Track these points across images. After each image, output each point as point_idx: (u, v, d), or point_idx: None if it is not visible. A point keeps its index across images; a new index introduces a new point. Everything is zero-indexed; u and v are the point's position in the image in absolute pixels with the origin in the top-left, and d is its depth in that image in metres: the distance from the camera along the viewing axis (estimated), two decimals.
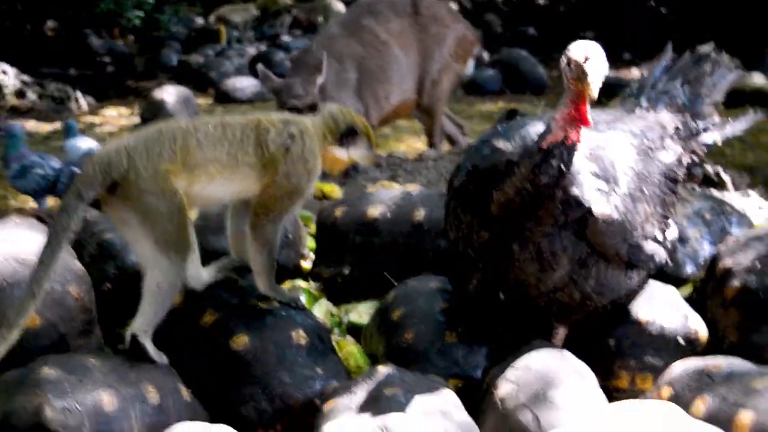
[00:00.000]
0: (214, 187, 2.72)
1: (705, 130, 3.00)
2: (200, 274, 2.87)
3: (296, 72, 5.28)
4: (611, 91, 4.36)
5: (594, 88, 2.29)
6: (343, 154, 2.92)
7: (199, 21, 13.97)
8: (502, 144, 2.60)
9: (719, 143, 3.06)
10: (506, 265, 2.58)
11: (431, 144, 6.13)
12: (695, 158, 2.96)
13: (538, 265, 2.55)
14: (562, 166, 2.41)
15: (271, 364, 2.66)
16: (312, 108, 4.71)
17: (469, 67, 6.45)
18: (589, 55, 2.27)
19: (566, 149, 2.40)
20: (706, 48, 3.18)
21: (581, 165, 2.51)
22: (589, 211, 2.49)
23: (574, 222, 2.50)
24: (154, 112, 7.12)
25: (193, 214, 2.99)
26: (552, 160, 2.41)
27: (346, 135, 2.89)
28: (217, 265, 2.97)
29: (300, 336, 2.72)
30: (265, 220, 2.77)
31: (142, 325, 2.67)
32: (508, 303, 2.70)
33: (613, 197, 2.54)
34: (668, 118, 2.92)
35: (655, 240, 2.71)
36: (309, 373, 2.67)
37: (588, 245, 2.54)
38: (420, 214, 3.34)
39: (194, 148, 2.67)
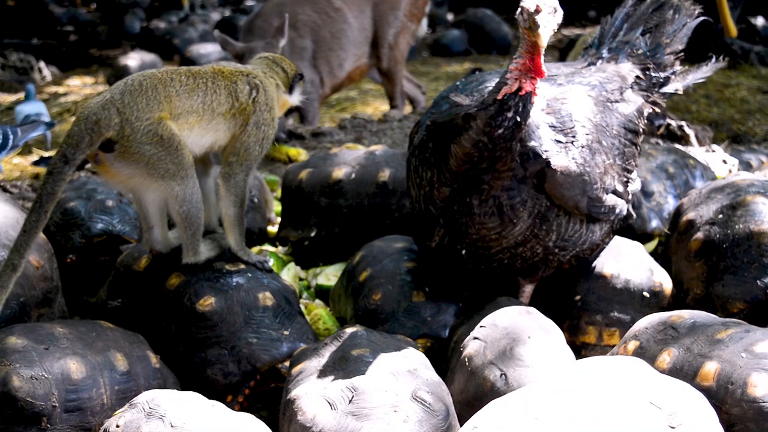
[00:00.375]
0: (194, 137, 2.77)
1: (666, 79, 3.00)
2: (168, 238, 2.90)
3: (253, 35, 5.23)
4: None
5: (544, 37, 2.29)
6: (293, 99, 3.03)
7: None
8: (460, 98, 2.59)
9: (681, 92, 3.06)
10: (467, 221, 2.59)
11: (393, 106, 6.11)
12: (657, 109, 2.97)
13: (499, 219, 2.55)
14: (518, 117, 2.41)
15: (238, 325, 2.65)
16: None
17: (423, 26, 6.42)
18: (541, 6, 2.27)
19: (521, 100, 2.40)
20: None
21: (538, 118, 2.52)
22: (547, 163, 2.49)
23: (533, 175, 2.51)
24: (120, 79, 7.05)
25: None
26: (507, 111, 2.40)
27: (295, 81, 3.01)
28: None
29: (266, 298, 2.71)
30: (238, 170, 2.83)
31: (192, 250, 2.78)
32: (471, 260, 2.70)
33: (571, 149, 2.54)
34: (628, 69, 2.92)
35: (615, 192, 2.72)
36: (276, 335, 2.67)
37: (547, 198, 2.55)
38: (385, 174, 3.34)
39: (174, 97, 2.72)
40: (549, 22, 2.30)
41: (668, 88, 3.00)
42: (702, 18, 3.16)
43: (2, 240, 2.67)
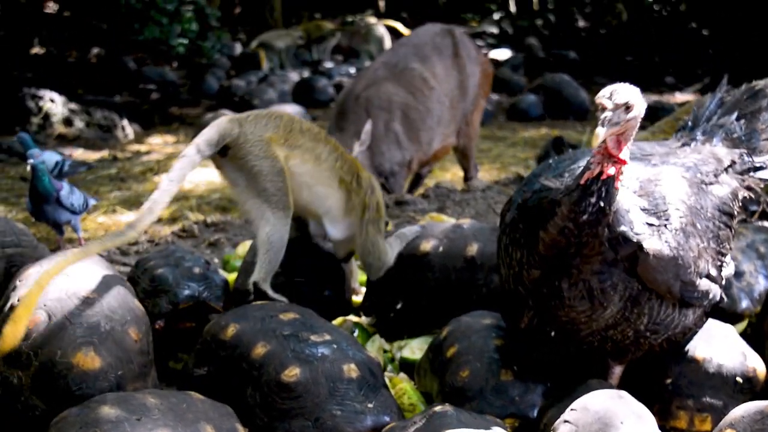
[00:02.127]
0: (303, 173, 3.30)
1: (762, 165, 2.96)
2: None
3: (340, 123, 5.30)
4: (654, 115, 4.35)
5: (600, 135, 2.29)
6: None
7: (239, 49, 14.04)
8: (549, 182, 2.59)
9: None
10: (557, 304, 2.56)
11: (468, 178, 6.12)
12: (752, 194, 2.93)
13: (589, 303, 2.52)
14: (602, 203, 2.39)
15: (322, 397, 2.64)
16: None
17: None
18: (605, 103, 2.31)
19: (604, 184, 2.38)
20: (762, 82, 3.15)
21: (629, 200, 2.49)
22: (639, 247, 2.46)
23: (624, 259, 2.47)
24: None
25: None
26: (591, 196, 2.38)
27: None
28: None
29: (351, 369, 2.70)
30: (372, 259, 3.42)
31: (261, 274, 3.26)
32: (560, 341, 2.68)
33: (664, 232, 2.51)
34: (724, 152, 2.89)
35: (709, 277, 2.68)
36: (360, 408, 2.65)
37: (639, 282, 2.51)
38: (473, 248, 3.33)
39: (297, 132, 3.28)
40: (615, 118, 2.31)
41: (764, 174, 2.96)
42: None
43: (105, 311, 2.71)
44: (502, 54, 13.74)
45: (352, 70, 11.92)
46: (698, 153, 2.84)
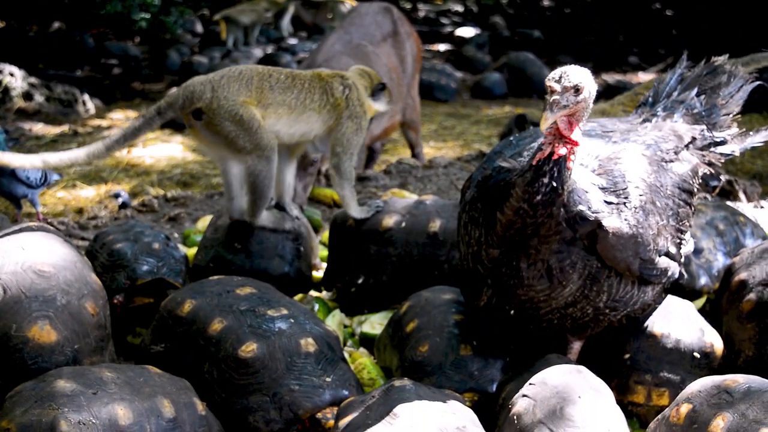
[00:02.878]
0: (281, 125, 3.38)
1: (723, 141, 2.98)
2: (244, 209, 3.48)
3: None
4: (617, 95, 4.35)
5: (548, 120, 2.32)
6: (376, 105, 3.61)
7: (199, 27, 13.90)
8: (507, 161, 2.59)
9: (737, 154, 3.04)
10: (515, 283, 2.56)
11: (414, 155, 6.12)
12: (712, 169, 2.94)
13: (548, 282, 2.53)
14: (554, 183, 2.39)
15: (280, 372, 2.63)
16: None
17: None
18: (555, 86, 2.33)
19: (556, 164, 2.38)
20: (721, 59, 3.17)
21: (586, 180, 2.50)
22: (599, 225, 2.47)
23: (584, 237, 2.48)
24: None
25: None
26: (543, 177, 2.39)
27: (378, 90, 3.60)
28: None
29: (309, 344, 2.69)
30: (344, 158, 3.48)
31: (253, 214, 3.43)
32: (520, 319, 2.68)
33: (623, 211, 2.51)
34: (684, 129, 2.90)
35: (668, 254, 2.69)
36: (318, 382, 2.64)
37: (599, 260, 2.52)
38: (436, 224, 3.33)
39: (267, 89, 3.34)
40: (564, 101, 2.32)
41: (725, 149, 2.97)
42: (758, 82, 3.15)
43: (61, 285, 2.69)
44: (467, 32, 13.71)
45: (315, 47, 11.84)
46: (659, 130, 2.85)
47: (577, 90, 2.33)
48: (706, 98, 3.05)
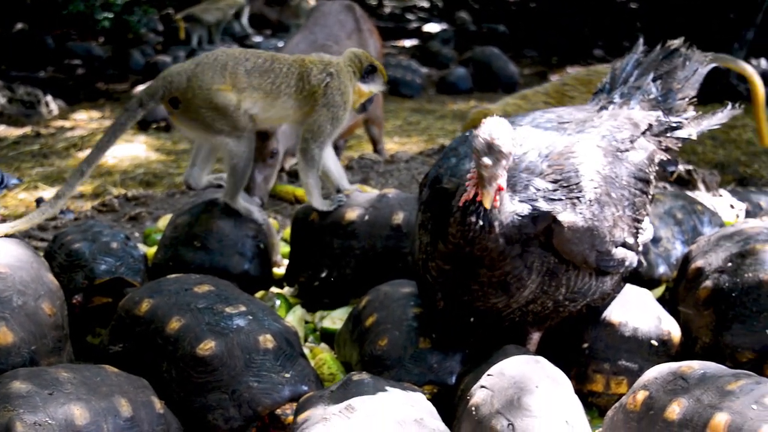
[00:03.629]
0: (257, 109, 3.44)
1: (679, 125, 2.98)
2: (200, 180, 3.71)
3: None
4: None
5: (488, 195, 2.33)
6: (365, 88, 3.60)
7: (160, 26, 13.82)
8: (449, 182, 2.59)
9: (694, 138, 3.05)
10: (469, 299, 2.58)
11: (377, 150, 6.11)
12: (669, 155, 2.95)
13: (505, 293, 2.54)
14: (481, 222, 2.39)
15: (238, 369, 2.62)
16: None
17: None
18: (487, 161, 2.30)
19: (482, 205, 2.38)
20: (676, 42, 3.18)
21: (535, 185, 2.50)
22: (554, 220, 2.48)
23: (539, 233, 2.49)
24: None
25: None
26: (471, 216, 2.40)
27: (368, 72, 3.58)
28: (216, 176, 3.77)
29: (267, 340, 2.68)
30: (313, 145, 3.48)
31: (230, 194, 3.51)
32: (479, 321, 2.68)
33: (578, 204, 2.52)
34: (641, 116, 2.91)
35: (625, 245, 2.70)
36: (277, 378, 2.63)
37: (555, 255, 2.53)
38: (399, 217, 3.34)
39: (242, 74, 3.39)
40: (499, 172, 2.33)
41: (681, 134, 2.98)
42: (714, 65, 3.16)
43: (17, 286, 2.67)
44: (433, 28, 13.70)
45: (281, 44, 11.80)
46: (615, 119, 2.85)
47: (506, 156, 2.32)
48: (662, 83, 3.06)
